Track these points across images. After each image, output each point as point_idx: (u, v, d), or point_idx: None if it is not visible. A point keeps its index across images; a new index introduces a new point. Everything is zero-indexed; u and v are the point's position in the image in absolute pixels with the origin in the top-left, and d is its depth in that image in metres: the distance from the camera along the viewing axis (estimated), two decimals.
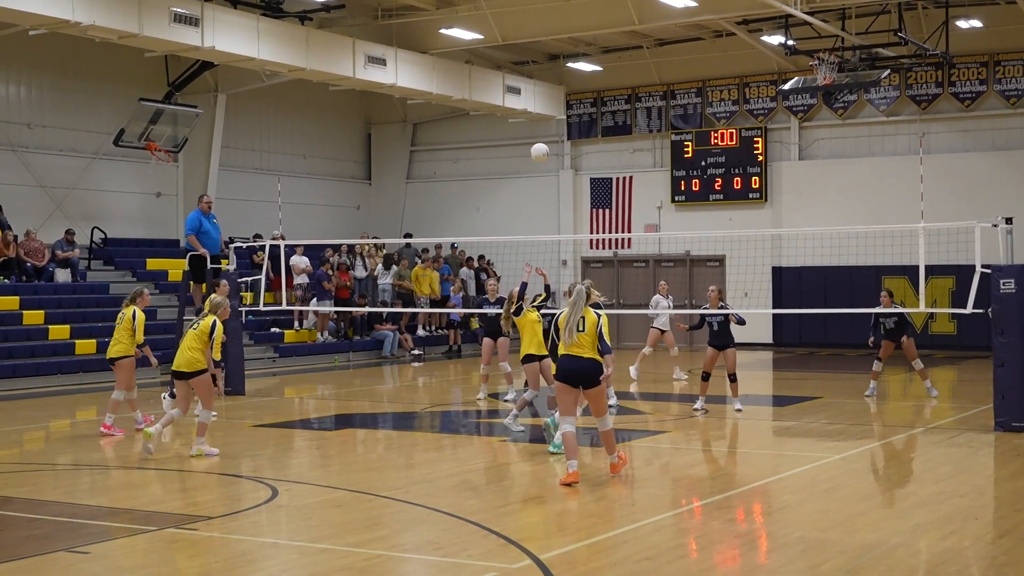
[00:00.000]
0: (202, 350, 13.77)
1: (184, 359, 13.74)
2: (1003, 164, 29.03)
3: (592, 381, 11.69)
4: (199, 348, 13.75)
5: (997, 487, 12.10)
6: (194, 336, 13.80)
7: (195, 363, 13.70)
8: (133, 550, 9.16)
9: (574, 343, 11.64)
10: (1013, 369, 15.20)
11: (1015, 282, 15.22)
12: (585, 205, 33.96)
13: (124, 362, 15.58)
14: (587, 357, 11.65)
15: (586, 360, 11.65)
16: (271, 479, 12.12)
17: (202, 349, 13.77)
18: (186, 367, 13.73)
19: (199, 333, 13.79)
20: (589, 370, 11.66)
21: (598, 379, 11.70)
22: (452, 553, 8.99)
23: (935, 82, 29.76)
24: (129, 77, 28.01)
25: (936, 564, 8.61)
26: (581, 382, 11.70)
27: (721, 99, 32.35)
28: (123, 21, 21.81)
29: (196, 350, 13.73)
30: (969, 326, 26.05)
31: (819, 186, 30.88)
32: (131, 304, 15.65)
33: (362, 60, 26.84)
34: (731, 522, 10.30)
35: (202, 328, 13.81)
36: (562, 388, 11.77)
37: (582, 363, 11.65)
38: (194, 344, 13.75)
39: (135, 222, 29.16)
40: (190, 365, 13.71)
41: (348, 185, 35.82)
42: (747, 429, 16.43)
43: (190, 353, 13.72)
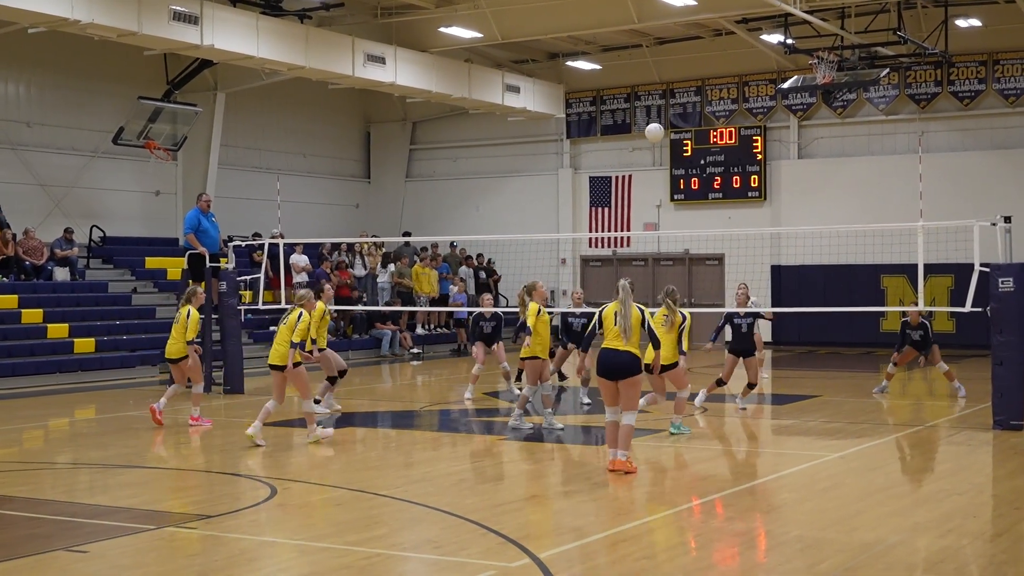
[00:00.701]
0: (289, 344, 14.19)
1: (277, 354, 14.22)
2: (1002, 163, 29.05)
3: (628, 374, 12.01)
4: (288, 342, 14.15)
5: (996, 485, 12.11)
6: (284, 331, 14.23)
7: (287, 357, 14.15)
8: (132, 549, 9.16)
9: (618, 337, 12.02)
10: (1011, 367, 15.21)
11: (1014, 281, 15.24)
12: (584, 204, 33.97)
13: (183, 362, 16.19)
14: (625, 350, 12.01)
15: (624, 353, 12.01)
16: (270, 478, 12.13)
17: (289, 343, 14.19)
18: (279, 361, 14.19)
19: (288, 327, 14.19)
20: (627, 363, 12.02)
21: (634, 372, 12.03)
22: (451, 552, 9.00)
23: (934, 81, 29.77)
24: (128, 75, 28.00)
25: (934, 562, 8.61)
26: (618, 374, 12.03)
27: (720, 98, 32.36)
28: (122, 19, 21.80)
29: (287, 344, 14.15)
30: (968, 325, 26.04)
31: (818, 185, 30.90)
32: (187, 304, 16.21)
33: (361, 58, 26.84)
34: (730, 520, 10.31)
35: (290, 321, 14.23)
36: (602, 382, 12.15)
37: (621, 356, 12.02)
38: (285, 338, 14.18)
39: (134, 220, 29.16)
40: (283, 359, 14.15)
41: (347, 184, 35.82)
42: (746, 427, 16.43)
43: (283, 347, 14.16)
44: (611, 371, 12.05)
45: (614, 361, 12.04)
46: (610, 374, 12.06)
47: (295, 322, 14.17)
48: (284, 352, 14.16)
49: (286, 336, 14.20)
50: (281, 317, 14.59)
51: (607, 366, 12.07)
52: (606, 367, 12.07)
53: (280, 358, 14.21)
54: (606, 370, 12.08)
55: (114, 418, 17.71)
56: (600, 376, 12.19)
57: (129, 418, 17.21)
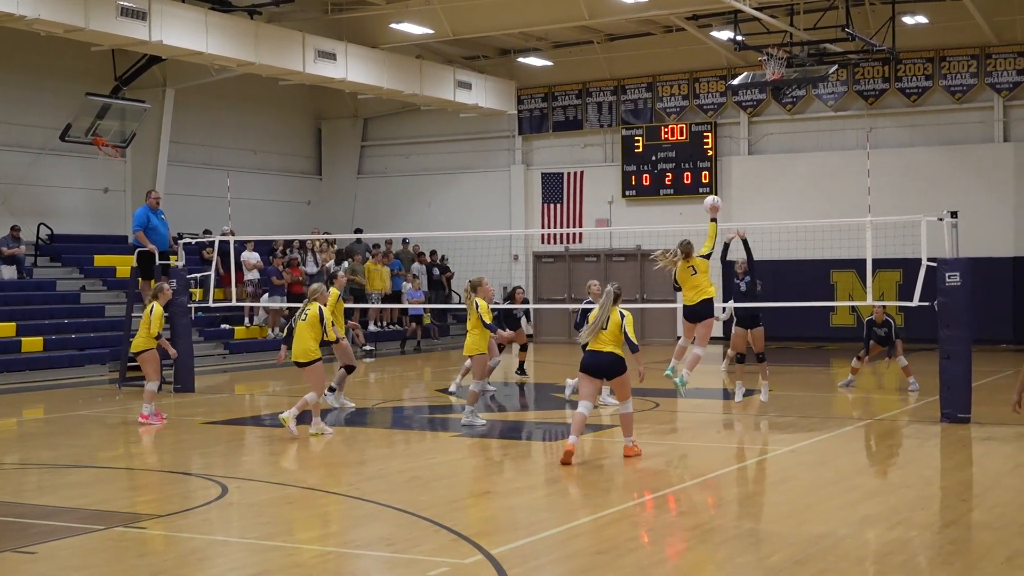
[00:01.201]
0: (316, 339, 14.47)
1: (300, 350, 14.52)
2: (949, 158, 29.36)
3: (612, 373, 12.83)
4: (313, 338, 14.46)
5: (943, 477, 12.24)
6: (305, 327, 14.49)
7: (309, 353, 14.46)
8: (81, 550, 9.07)
9: (598, 339, 12.76)
10: (958, 361, 15.38)
11: (960, 275, 15.41)
12: (536, 200, 34.00)
13: (144, 355, 16.39)
14: (607, 352, 12.74)
15: (606, 354, 12.75)
16: (221, 476, 12.05)
17: (315, 338, 14.47)
18: (302, 357, 14.54)
19: (309, 323, 14.46)
20: (609, 364, 12.76)
21: (618, 371, 12.80)
22: (404, 549, 8.98)
23: (882, 77, 30.04)
24: (75, 71, 27.71)
25: (884, 554, 8.70)
26: (603, 374, 12.86)
27: (671, 94, 32.49)
28: (69, 15, 21.58)
29: (310, 340, 14.46)
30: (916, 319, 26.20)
31: (768, 180, 31.10)
32: (152, 300, 16.50)
33: (312, 55, 26.71)
34: (682, 515, 10.36)
35: (311, 317, 14.50)
36: (584, 377, 12.92)
37: (602, 357, 12.77)
38: (307, 335, 14.47)
39: (82, 218, 28.87)
40: (305, 355, 14.51)
41: (299, 180, 35.65)
42: (697, 422, 16.51)
43: (305, 344, 14.46)
44: (595, 370, 12.83)
45: (598, 362, 12.80)
46: (593, 372, 12.84)
47: (317, 317, 14.55)
48: (306, 349, 14.50)
49: (307, 333, 14.50)
50: (297, 314, 14.85)
51: (591, 365, 12.84)
52: (590, 366, 12.84)
53: (302, 354, 14.54)
54: (588, 368, 12.84)
55: (63, 417, 17.53)
56: (583, 372, 12.86)
57: (78, 417, 17.05)
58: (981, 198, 28.34)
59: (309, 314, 14.59)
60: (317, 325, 14.57)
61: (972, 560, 8.56)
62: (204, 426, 16.21)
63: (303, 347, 14.53)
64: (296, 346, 14.61)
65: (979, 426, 15.00)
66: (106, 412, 17.87)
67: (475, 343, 15.50)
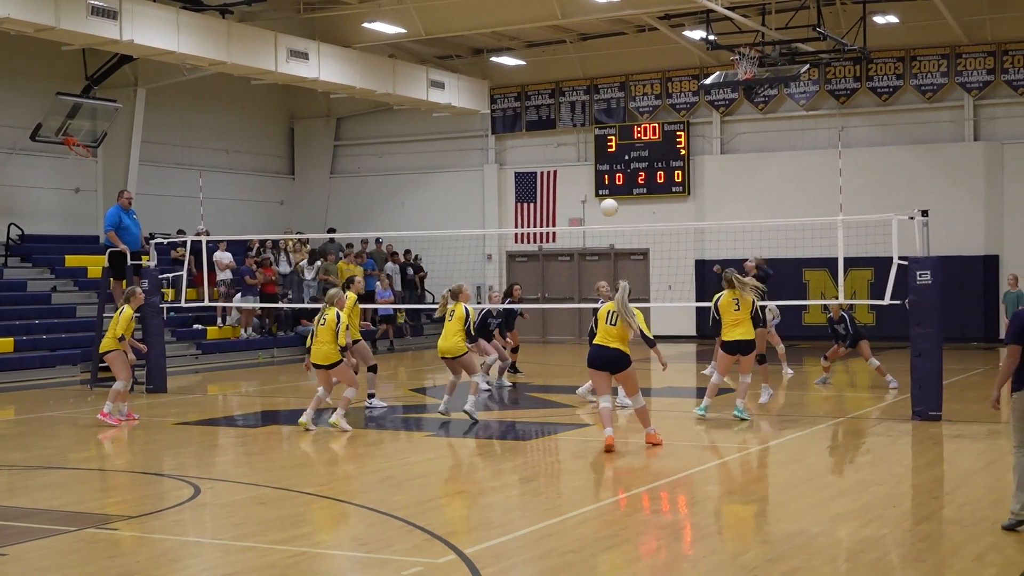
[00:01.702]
0: (333, 342, 14.84)
1: (321, 354, 14.95)
2: (920, 157, 29.52)
3: (618, 367, 13.32)
4: (331, 341, 14.86)
5: (915, 475, 12.31)
6: (324, 331, 14.91)
7: (330, 356, 14.94)
8: (52, 551, 9.02)
9: (607, 335, 13.29)
10: (930, 359, 15.46)
11: (931, 274, 15.51)
12: (510, 199, 34.00)
13: (111, 356, 16.47)
14: (614, 347, 13.26)
15: (613, 350, 13.26)
16: (194, 477, 12.01)
17: (333, 341, 14.83)
18: (323, 361, 14.99)
19: (328, 328, 14.87)
20: (617, 358, 13.27)
21: (623, 366, 13.29)
22: (376, 549, 8.97)
23: (853, 77, 30.19)
24: (46, 71, 27.54)
25: (856, 552, 8.74)
26: (608, 368, 13.34)
27: (644, 93, 32.55)
28: (39, 14, 21.45)
29: (329, 343, 14.86)
30: (887, 317, 26.38)
31: (741, 180, 31.19)
32: (124, 302, 16.54)
33: (284, 54, 26.64)
34: (655, 513, 10.39)
35: (329, 321, 14.88)
36: (594, 373, 13.50)
37: (609, 352, 13.27)
38: (326, 338, 14.88)
39: (53, 218, 28.70)
40: (326, 359, 14.97)
41: (271, 180, 35.55)
42: (671, 421, 16.53)
43: (325, 347, 14.87)
44: (603, 364, 13.36)
45: (604, 356, 13.29)
46: (602, 367, 13.37)
47: (335, 322, 14.92)
48: (327, 352, 14.90)
49: (327, 336, 14.88)
50: (316, 318, 15.18)
51: (599, 360, 13.35)
52: (598, 361, 13.35)
53: (323, 357, 14.99)
54: (598, 363, 13.36)
55: (34, 418, 17.42)
56: (592, 368, 13.41)
57: (49, 418, 16.96)
58: (952, 197, 28.50)
59: (327, 319, 14.99)
60: (335, 328, 14.99)
61: (943, 557, 8.61)
62: (176, 427, 16.14)
63: (323, 351, 14.98)
64: (316, 349, 15.05)
65: (950, 424, 15.09)
66: (77, 413, 17.77)
67: (459, 344, 15.90)
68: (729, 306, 15.51)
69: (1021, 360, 9.47)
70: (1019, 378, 9.47)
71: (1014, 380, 9.49)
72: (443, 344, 16.02)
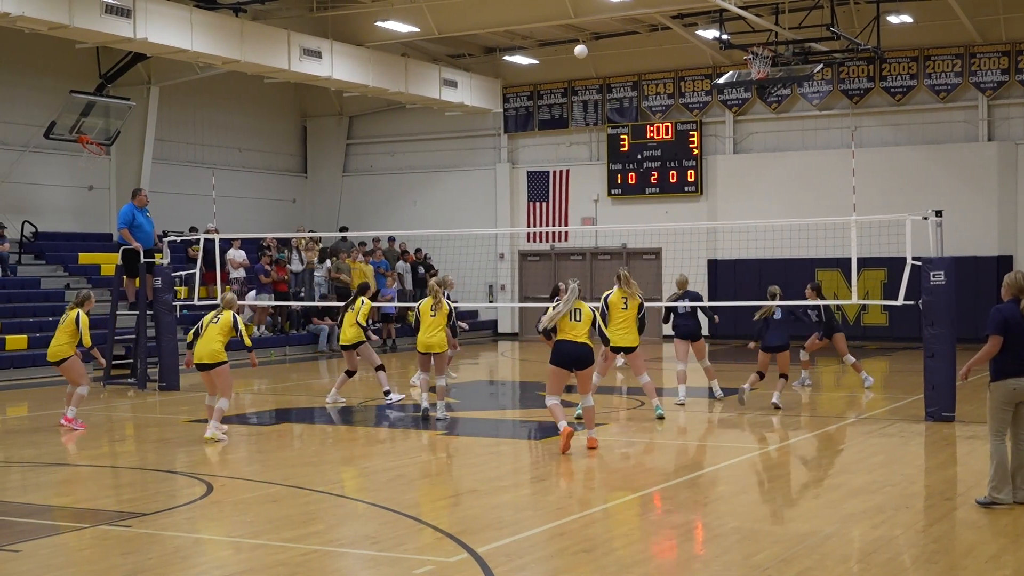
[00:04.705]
0: (223, 342, 14.51)
1: (207, 351, 14.44)
2: (933, 157, 29.44)
3: (584, 364, 13.25)
4: (221, 341, 14.49)
5: (928, 476, 12.27)
6: (216, 330, 14.52)
7: (217, 355, 14.43)
8: (65, 548, 9.05)
9: (573, 331, 13.21)
10: (943, 360, 15.42)
11: (945, 274, 15.46)
12: (522, 198, 33.99)
13: (66, 364, 15.88)
14: (582, 342, 13.22)
15: (582, 345, 13.22)
16: (206, 475, 12.03)
17: (223, 341, 14.50)
18: (208, 359, 14.43)
19: (221, 327, 14.51)
20: (585, 355, 13.22)
21: (589, 363, 13.27)
22: (388, 547, 8.97)
23: (867, 76, 30.12)
24: (60, 69, 27.62)
25: (868, 552, 8.72)
26: (575, 364, 13.24)
27: (657, 93, 32.51)
28: (53, 12, 21.50)
29: (219, 342, 14.46)
30: (900, 318, 26.39)
31: (753, 179, 31.14)
32: (76, 307, 15.94)
33: (297, 52, 26.67)
34: (667, 513, 10.37)
35: (224, 322, 14.55)
36: (556, 370, 13.34)
37: (578, 347, 13.20)
38: (217, 337, 14.47)
39: (66, 216, 28.78)
40: (212, 357, 14.43)
41: (284, 178, 35.59)
42: (682, 421, 16.53)
43: (213, 346, 14.43)
44: (572, 361, 13.21)
45: (575, 352, 13.19)
46: (570, 364, 13.22)
47: (230, 323, 14.63)
48: (214, 351, 14.41)
49: (218, 335, 14.47)
50: (208, 317, 14.76)
51: (568, 356, 13.20)
52: (567, 357, 13.21)
53: (210, 356, 14.45)
54: (567, 360, 13.22)
55: (46, 416, 17.46)
56: (557, 365, 13.24)
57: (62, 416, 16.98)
58: (965, 197, 28.42)
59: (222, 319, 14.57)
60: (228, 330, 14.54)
61: (956, 558, 8.58)
62: (189, 424, 16.17)
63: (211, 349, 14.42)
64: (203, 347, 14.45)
65: (963, 425, 15.04)
66: (90, 410, 17.80)
67: (443, 340, 16.03)
68: (618, 304, 15.54)
69: (1001, 351, 10.07)
70: (996, 369, 10.12)
71: (991, 371, 10.15)
72: (430, 339, 15.95)
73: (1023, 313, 10.08)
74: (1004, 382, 10.10)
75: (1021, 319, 10.08)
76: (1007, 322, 10.08)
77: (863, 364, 19.90)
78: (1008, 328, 10.07)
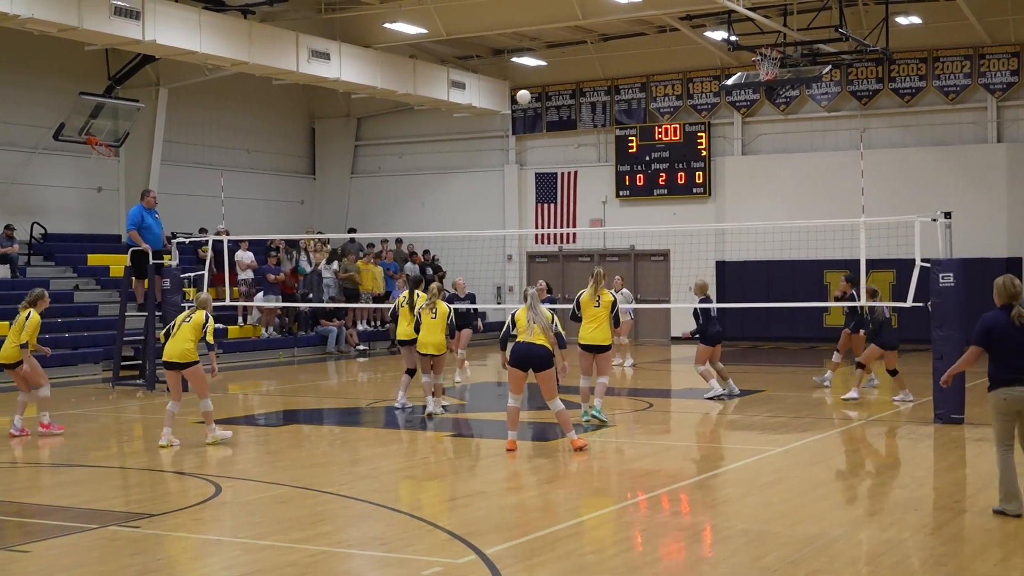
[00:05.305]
0: (195, 342, 14.24)
1: (178, 351, 14.16)
2: (942, 159, 29.40)
3: (542, 366, 13.23)
4: (193, 340, 14.21)
5: (936, 478, 12.25)
6: (189, 329, 14.24)
7: (188, 354, 14.16)
8: (74, 548, 9.06)
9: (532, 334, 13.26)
10: (951, 362, 15.26)
11: (954, 276, 15.44)
12: (530, 200, 34.00)
13: (19, 368, 15.43)
14: (540, 344, 13.23)
15: (538, 347, 13.22)
16: (215, 476, 12.04)
17: (195, 341, 14.23)
18: (179, 358, 14.14)
19: (193, 326, 14.23)
20: (542, 356, 13.22)
21: (547, 365, 13.24)
22: (397, 549, 8.98)
23: (875, 78, 30.08)
24: (69, 71, 27.67)
25: (876, 555, 8.70)
26: (532, 366, 13.25)
27: (665, 94, 32.50)
28: (62, 14, 21.55)
29: (190, 342, 14.19)
30: (909, 319, 26.29)
31: (762, 181, 31.11)
32: (29, 307, 15.49)
33: (305, 54, 26.70)
34: (675, 515, 10.36)
35: (195, 321, 14.27)
36: (512, 371, 13.35)
37: (534, 349, 13.22)
38: (189, 336, 14.20)
39: (76, 217, 28.83)
40: (183, 356, 14.14)
41: (292, 180, 35.62)
42: (690, 423, 16.53)
43: (185, 345, 14.15)
44: (526, 362, 13.24)
45: (529, 352, 13.23)
46: (524, 364, 13.25)
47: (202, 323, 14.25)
48: (185, 350, 14.07)
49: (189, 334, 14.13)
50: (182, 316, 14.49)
51: (523, 357, 13.25)
52: (521, 357, 13.26)
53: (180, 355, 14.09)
54: (521, 360, 13.26)
55: (55, 416, 17.47)
56: (512, 366, 13.32)
57: (70, 417, 17.02)
58: (974, 199, 28.37)
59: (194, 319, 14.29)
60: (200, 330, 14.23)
61: (965, 560, 8.57)
62: (197, 425, 16.17)
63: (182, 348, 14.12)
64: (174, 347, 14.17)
65: (972, 427, 15.01)
66: (99, 411, 17.84)
67: (441, 342, 16.23)
68: (589, 302, 15.31)
69: (993, 360, 9.85)
70: (990, 378, 9.89)
71: (990, 380, 9.92)
72: (429, 339, 16.16)
73: (1013, 320, 9.74)
74: (996, 392, 9.82)
75: (1010, 327, 9.75)
76: (990, 332, 9.79)
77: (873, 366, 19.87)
78: (993, 338, 9.79)
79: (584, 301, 15.33)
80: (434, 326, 16.15)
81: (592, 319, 15.25)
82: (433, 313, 16.16)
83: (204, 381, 14.43)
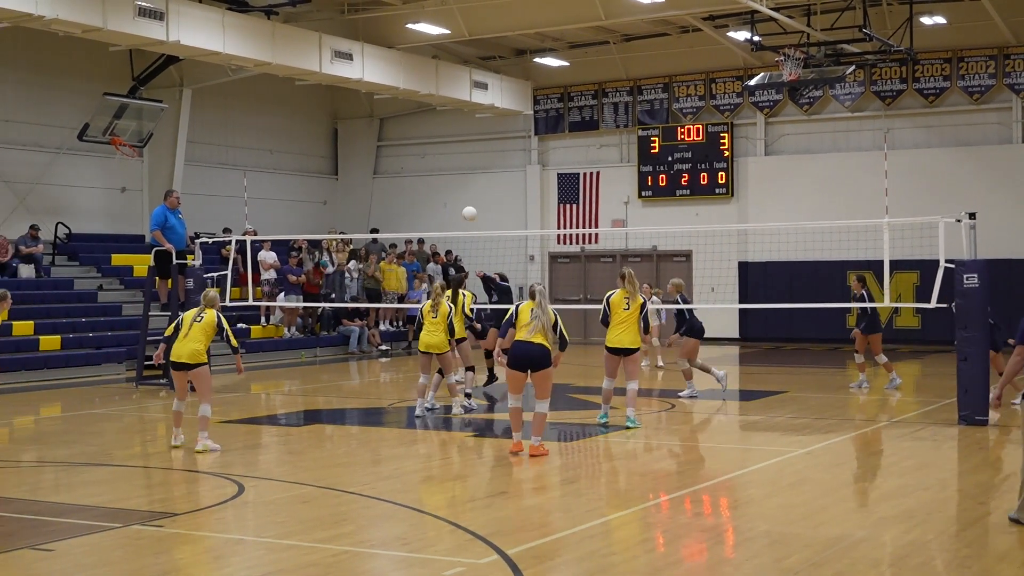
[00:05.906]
0: (206, 343, 13.95)
1: (188, 351, 13.83)
2: (966, 160, 29.25)
3: (540, 365, 13.02)
4: (204, 342, 13.92)
5: (960, 480, 12.20)
6: (199, 330, 13.92)
7: (198, 355, 13.86)
8: (97, 547, 9.10)
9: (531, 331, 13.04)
10: (976, 363, 15.32)
11: (978, 277, 15.37)
12: (552, 200, 33.98)
13: None
14: (538, 343, 13.00)
15: (536, 345, 12.99)
16: (237, 475, 12.08)
17: (206, 343, 13.95)
18: (188, 359, 13.81)
19: (204, 327, 13.91)
20: (541, 355, 13.00)
21: (546, 364, 13.03)
22: (419, 549, 8.99)
23: (899, 78, 29.95)
24: (93, 71, 27.80)
25: (900, 557, 8.67)
26: (531, 365, 13.02)
27: (687, 95, 32.43)
28: (87, 15, 21.65)
29: (201, 343, 13.89)
30: (933, 320, 26.22)
31: (785, 181, 31.01)
32: None
33: (329, 55, 26.76)
34: (697, 516, 10.34)
35: (207, 322, 13.93)
36: (510, 372, 13.17)
37: (533, 348, 12.99)
38: (199, 337, 13.89)
39: (100, 217, 28.95)
40: (193, 357, 13.81)
41: (315, 180, 35.70)
42: (713, 423, 16.49)
43: (194, 345, 13.84)
44: (524, 362, 13.02)
45: (527, 352, 13.01)
46: (522, 365, 13.03)
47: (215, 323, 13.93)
48: (195, 351, 13.77)
49: (200, 335, 13.84)
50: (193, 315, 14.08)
51: (521, 357, 13.03)
52: (520, 358, 13.04)
53: (190, 355, 13.76)
54: (519, 361, 13.04)
55: (79, 416, 17.59)
56: (511, 367, 13.11)
57: (95, 416, 17.11)
58: (999, 199, 28.20)
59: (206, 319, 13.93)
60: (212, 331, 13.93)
61: (989, 563, 8.52)
62: (220, 425, 16.23)
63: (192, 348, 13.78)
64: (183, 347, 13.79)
65: (997, 429, 14.94)
66: (123, 410, 17.93)
67: (444, 341, 16.21)
68: (619, 304, 15.17)
69: None
70: None
71: None
72: (431, 340, 16.15)
73: None
74: None
75: None
76: None
77: (894, 365, 19.82)
78: None
79: (614, 302, 15.20)
80: (435, 326, 16.12)
81: (620, 321, 15.15)
82: (434, 313, 16.15)
83: (209, 384, 14.08)
